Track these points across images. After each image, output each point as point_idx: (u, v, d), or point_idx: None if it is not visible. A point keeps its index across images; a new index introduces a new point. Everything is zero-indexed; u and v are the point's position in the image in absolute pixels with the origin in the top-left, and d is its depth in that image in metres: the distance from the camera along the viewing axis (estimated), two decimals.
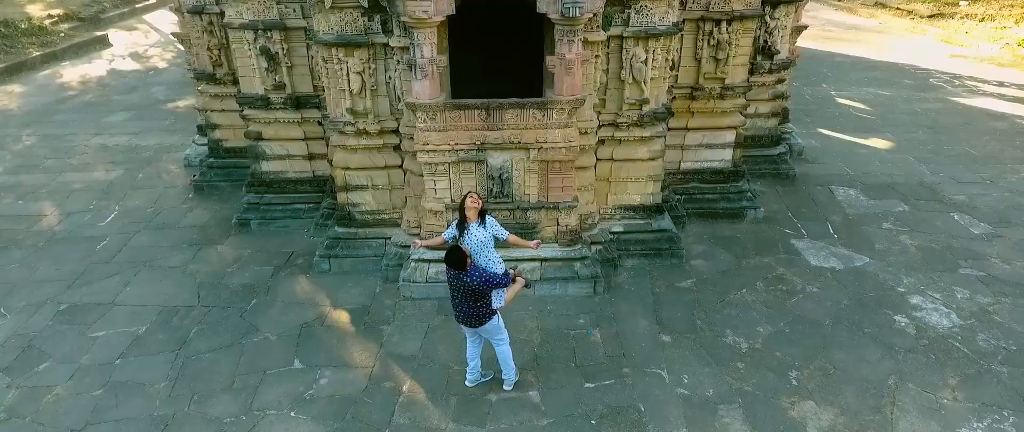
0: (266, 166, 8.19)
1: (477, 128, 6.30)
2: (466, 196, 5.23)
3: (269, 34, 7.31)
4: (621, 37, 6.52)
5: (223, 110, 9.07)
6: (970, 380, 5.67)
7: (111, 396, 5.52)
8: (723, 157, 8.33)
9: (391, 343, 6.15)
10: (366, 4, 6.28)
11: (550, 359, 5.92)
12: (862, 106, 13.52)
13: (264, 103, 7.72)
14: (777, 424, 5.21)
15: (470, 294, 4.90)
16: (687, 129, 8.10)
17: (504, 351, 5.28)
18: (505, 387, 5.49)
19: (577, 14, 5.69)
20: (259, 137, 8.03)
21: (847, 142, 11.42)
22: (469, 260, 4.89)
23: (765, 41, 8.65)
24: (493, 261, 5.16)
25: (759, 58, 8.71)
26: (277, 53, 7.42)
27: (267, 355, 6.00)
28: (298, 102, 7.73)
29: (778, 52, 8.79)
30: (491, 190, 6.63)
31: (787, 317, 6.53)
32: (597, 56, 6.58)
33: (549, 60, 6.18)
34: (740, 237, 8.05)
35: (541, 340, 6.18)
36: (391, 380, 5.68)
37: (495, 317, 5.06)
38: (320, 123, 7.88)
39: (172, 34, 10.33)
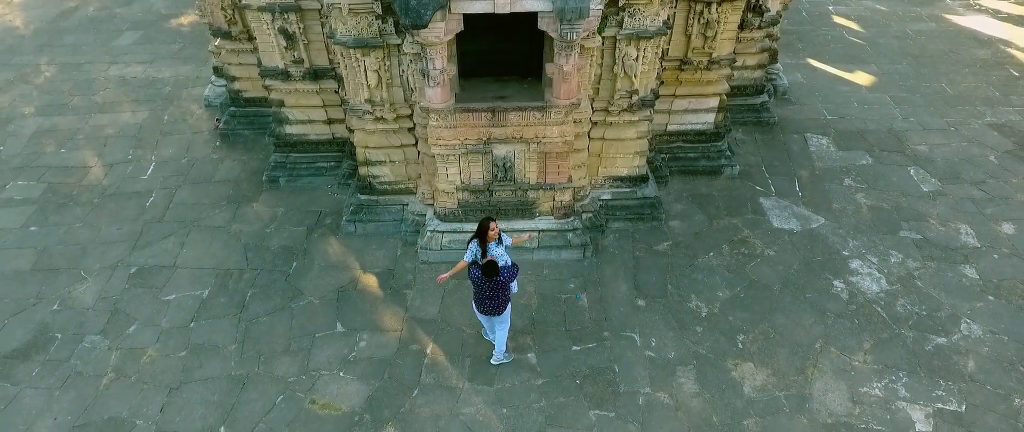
0: (289, 129, 8.98)
1: (484, 126, 7.11)
2: (487, 224, 6.12)
3: (286, 16, 7.77)
4: (615, 37, 7.09)
5: (241, 64, 9.64)
6: (881, 344, 7.07)
7: (194, 357, 6.91)
8: (706, 120, 9.11)
9: (414, 307, 7.45)
10: (379, 11, 6.78)
11: (545, 323, 7.26)
12: (856, 27, 13.83)
13: (284, 75, 8.34)
14: (721, 384, 6.67)
15: (501, 288, 6.06)
16: (675, 96, 8.81)
17: (502, 335, 6.55)
18: (492, 361, 6.77)
19: (574, 37, 6.29)
20: (281, 104, 8.74)
21: (831, 77, 12.02)
22: (500, 273, 5.99)
23: (757, 1, 9.06)
24: (502, 259, 6.26)
25: (749, 16, 9.16)
26: (294, 32, 7.92)
27: (314, 319, 7.32)
28: (316, 74, 8.35)
29: (768, 10, 9.23)
30: (496, 175, 7.58)
31: (744, 282, 7.79)
32: (592, 55, 7.19)
33: (548, 67, 6.84)
34: (715, 195, 9.09)
35: (538, 304, 7.48)
36: (417, 343, 7.06)
37: (509, 304, 6.31)
38: (336, 92, 8.55)
39: None
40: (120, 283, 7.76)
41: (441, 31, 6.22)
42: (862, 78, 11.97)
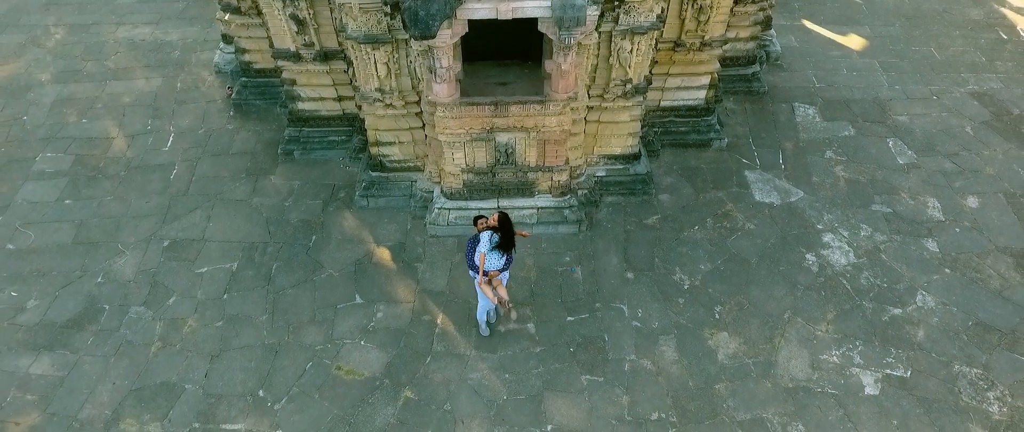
0: (301, 106, 9.46)
1: (487, 117, 7.64)
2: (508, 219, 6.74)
3: (297, 3, 8.11)
4: (611, 32, 7.49)
5: (250, 37, 9.97)
6: (843, 315, 7.90)
7: (231, 327, 7.75)
8: (698, 96, 9.58)
9: (425, 279, 8.24)
10: (388, 9, 7.16)
11: (543, 295, 8.06)
12: None
13: (296, 57, 8.75)
14: (698, 351, 7.55)
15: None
16: (668, 75, 9.23)
17: (481, 304, 7.34)
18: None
19: (571, 41, 6.73)
20: (293, 83, 9.18)
21: (824, 41, 12.30)
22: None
23: None
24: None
25: None
26: (305, 18, 8.28)
27: (334, 291, 8.11)
28: (326, 56, 8.75)
29: None
30: (498, 159, 8.18)
31: (724, 255, 8.54)
32: (589, 48, 7.60)
33: (548, 64, 7.30)
34: (704, 168, 9.69)
35: (536, 277, 8.26)
36: (428, 314, 7.89)
37: (475, 283, 7.07)
38: (345, 72, 8.98)
39: None
40: (156, 256, 8.50)
41: (447, 36, 6.66)
42: (854, 41, 12.26)
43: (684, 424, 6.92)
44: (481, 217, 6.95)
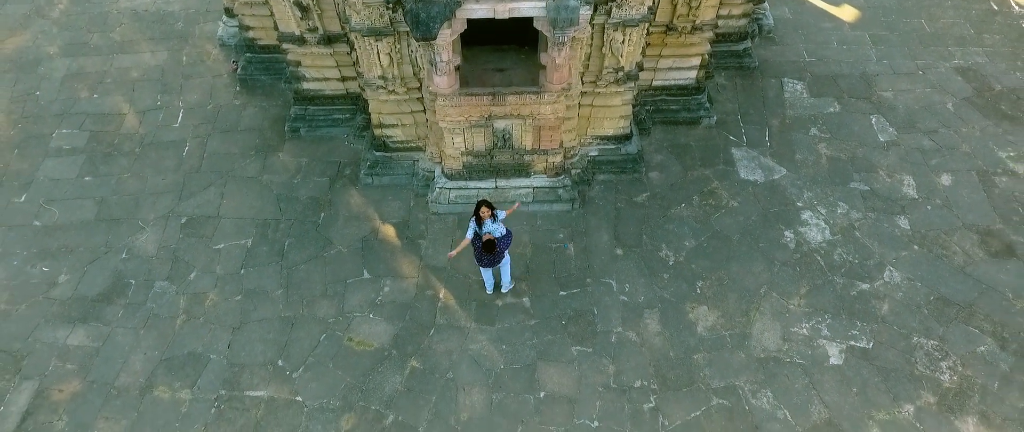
0: (306, 85, 9.81)
1: (486, 106, 8.04)
2: (481, 206, 7.26)
3: None
4: (603, 25, 7.81)
5: (254, 15, 10.21)
6: (815, 290, 8.54)
7: (249, 301, 8.38)
8: (689, 76, 9.93)
9: (427, 256, 8.82)
10: (390, 4, 7.46)
11: (538, 271, 8.66)
12: None
13: (300, 41, 9.05)
14: (679, 324, 8.22)
15: (497, 254, 7.44)
16: (660, 57, 9.56)
17: (507, 271, 7.99)
18: (503, 291, 8.28)
19: (565, 39, 7.08)
20: (298, 64, 9.50)
21: (818, 12, 12.49)
22: (496, 245, 7.28)
23: None
24: (498, 230, 7.45)
25: None
26: (308, 4, 8.56)
27: (344, 266, 8.70)
28: (329, 39, 9.05)
29: None
30: (496, 143, 8.63)
31: (708, 232, 9.10)
32: (582, 40, 7.92)
33: (543, 57, 7.66)
34: (693, 145, 10.14)
35: (532, 254, 8.85)
36: (431, 289, 8.51)
37: (507, 252, 7.67)
38: (348, 54, 9.30)
39: None
40: (174, 233, 9.05)
41: (447, 35, 7.00)
42: (847, 13, 12.45)
43: (664, 391, 7.65)
44: (483, 248, 7.30)
